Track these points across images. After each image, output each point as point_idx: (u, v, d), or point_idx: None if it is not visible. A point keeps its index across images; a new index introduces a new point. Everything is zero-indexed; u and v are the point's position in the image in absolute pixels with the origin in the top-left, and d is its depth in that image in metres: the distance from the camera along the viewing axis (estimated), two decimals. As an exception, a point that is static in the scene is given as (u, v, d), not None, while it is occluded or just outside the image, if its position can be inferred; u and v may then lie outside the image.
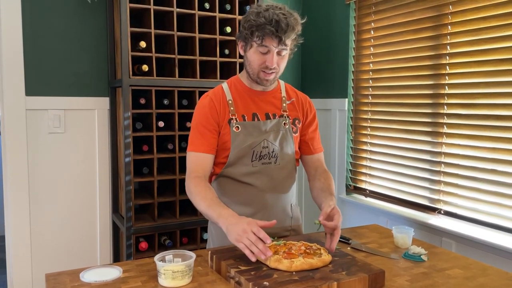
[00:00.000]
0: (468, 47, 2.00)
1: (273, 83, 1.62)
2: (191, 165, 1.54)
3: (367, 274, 1.19)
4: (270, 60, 1.48)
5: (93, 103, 2.52)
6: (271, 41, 1.45)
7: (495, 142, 1.90)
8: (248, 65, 1.54)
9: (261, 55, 1.48)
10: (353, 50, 2.69)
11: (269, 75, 1.52)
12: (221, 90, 1.60)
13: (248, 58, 1.53)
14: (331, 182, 1.61)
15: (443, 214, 2.14)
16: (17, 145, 2.34)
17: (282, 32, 1.43)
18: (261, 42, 1.45)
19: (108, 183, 2.60)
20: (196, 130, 1.56)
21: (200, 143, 1.54)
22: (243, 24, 1.50)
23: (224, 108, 1.56)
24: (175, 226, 2.36)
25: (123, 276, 1.27)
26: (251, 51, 1.50)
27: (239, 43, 1.56)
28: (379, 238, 1.67)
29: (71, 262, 2.50)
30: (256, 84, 1.58)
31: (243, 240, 1.24)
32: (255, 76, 1.54)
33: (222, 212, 1.36)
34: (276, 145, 1.58)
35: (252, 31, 1.46)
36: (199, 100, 1.61)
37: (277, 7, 1.46)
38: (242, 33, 1.52)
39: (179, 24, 2.39)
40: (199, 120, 1.56)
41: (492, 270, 1.37)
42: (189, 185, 1.50)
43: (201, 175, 1.51)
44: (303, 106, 1.69)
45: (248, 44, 1.51)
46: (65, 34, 2.44)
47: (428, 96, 2.20)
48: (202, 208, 1.43)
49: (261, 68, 1.50)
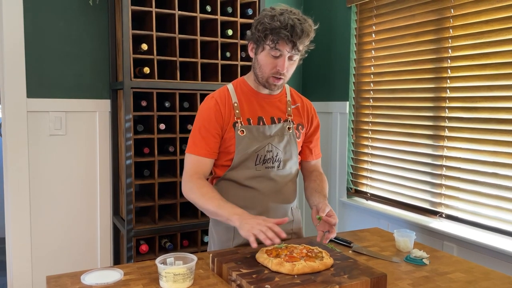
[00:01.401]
0: (470, 51, 2.00)
1: (280, 88, 1.62)
2: (191, 167, 1.53)
3: (369, 277, 1.19)
4: (281, 64, 1.47)
5: (94, 105, 2.52)
6: (284, 46, 1.44)
7: (496, 145, 1.90)
8: (258, 68, 1.53)
9: (272, 58, 1.48)
10: (354, 53, 2.69)
11: (278, 81, 1.52)
12: (226, 92, 1.59)
13: (259, 61, 1.52)
14: (325, 185, 1.65)
15: (445, 217, 2.13)
16: (18, 147, 2.34)
17: (297, 38, 1.43)
18: (275, 46, 1.44)
19: (109, 185, 2.60)
20: (198, 132, 1.54)
21: (202, 146, 1.53)
22: (257, 26, 1.48)
23: (229, 111, 1.55)
24: (176, 228, 2.35)
25: (124, 279, 1.27)
26: (262, 54, 1.50)
27: (250, 44, 1.55)
28: (380, 242, 1.67)
29: (71, 264, 2.49)
30: (263, 87, 1.58)
31: (254, 230, 1.27)
32: (264, 80, 1.53)
33: (236, 210, 1.39)
34: (280, 149, 1.58)
35: (266, 34, 1.45)
36: (204, 101, 1.60)
37: (291, 11, 1.46)
38: (254, 35, 1.50)
39: (181, 27, 2.40)
40: (202, 123, 1.55)
41: (494, 274, 1.37)
42: (192, 187, 1.49)
43: (202, 177, 1.52)
44: (308, 113, 1.69)
45: (260, 46, 1.50)
46: (67, 36, 2.44)
47: (429, 100, 2.20)
48: (210, 207, 1.44)
49: (272, 73, 1.50)
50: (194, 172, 1.52)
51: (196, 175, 1.51)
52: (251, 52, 1.56)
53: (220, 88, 1.63)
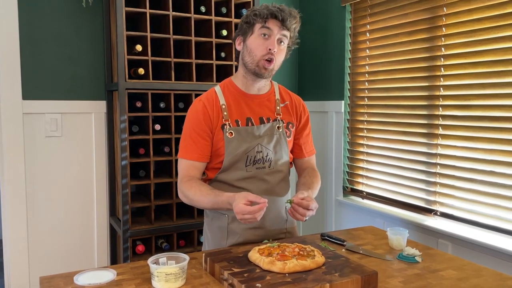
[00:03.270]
0: (463, 49, 2.01)
1: (270, 76, 1.58)
2: (183, 171, 1.56)
3: (360, 275, 1.19)
4: (271, 43, 1.50)
5: (90, 107, 2.53)
6: (274, 23, 1.49)
7: (490, 143, 1.91)
8: (248, 55, 1.53)
9: (262, 39, 1.50)
10: (349, 52, 2.69)
11: (269, 64, 1.52)
12: (214, 94, 1.59)
13: (249, 46, 1.53)
14: (315, 180, 1.64)
15: (439, 215, 2.14)
16: (14, 149, 2.35)
17: (285, 16, 1.49)
18: (264, 23, 1.49)
19: (105, 186, 2.60)
20: (188, 136, 1.56)
21: (193, 150, 1.54)
22: (243, 20, 1.55)
23: (217, 113, 1.56)
24: (172, 229, 2.36)
25: (117, 279, 1.27)
26: (252, 38, 1.53)
27: (237, 40, 1.58)
28: (374, 240, 1.67)
29: (68, 265, 2.50)
30: (254, 75, 1.56)
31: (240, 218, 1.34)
32: (254, 64, 1.52)
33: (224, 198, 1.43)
34: (270, 149, 1.58)
35: (255, 18, 1.50)
36: (192, 104, 1.61)
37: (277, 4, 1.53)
38: (241, 28, 1.56)
39: (175, 28, 2.40)
40: (191, 126, 1.56)
41: (486, 271, 1.37)
42: (183, 190, 1.52)
43: (196, 179, 1.54)
44: (297, 110, 1.69)
45: (248, 33, 1.54)
46: (62, 38, 2.45)
47: (423, 98, 2.21)
48: (207, 202, 1.46)
49: (262, 55, 1.51)
50: (186, 175, 1.54)
51: (187, 177, 1.54)
52: (239, 46, 1.58)
53: (208, 90, 1.63)
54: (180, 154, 1.56)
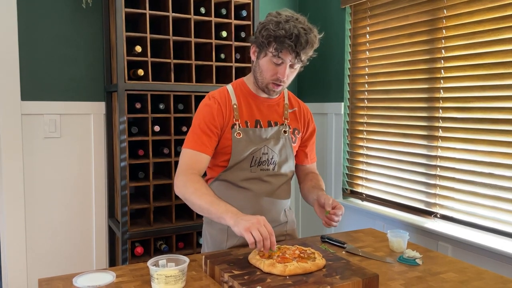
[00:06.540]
0: (463, 51, 2.01)
1: (278, 94, 1.62)
2: (187, 161, 1.50)
3: (361, 278, 1.19)
4: (282, 72, 1.47)
5: (89, 108, 2.52)
6: (287, 55, 1.44)
7: (490, 145, 1.91)
8: (259, 73, 1.52)
9: (274, 65, 1.47)
10: (349, 54, 2.69)
11: (277, 87, 1.52)
12: (226, 93, 1.58)
13: (260, 66, 1.51)
14: (321, 183, 1.67)
15: (439, 218, 2.13)
16: (12, 150, 2.34)
17: (301, 48, 1.42)
18: (278, 54, 1.44)
19: (104, 187, 2.59)
20: (198, 128, 1.52)
21: (201, 142, 1.50)
22: (261, 31, 1.46)
23: (229, 112, 1.55)
24: (171, 230, 2.35)
25: (116, 281, 1.26)
26: (264, 60, 1.49)
27: (252, 47, 1.54)
28: (374, 242, 1.67)
29: (66, 267, 2.49)
30: (262, 91, 1.58)
31: (252, 230, 1.23)
32: (263, 85, 1.53)
33: (230, 208, 1.34)
34: (276, 152, 1.59)
35: (269, 41, 1.44)
36: (204, 99, 1.57)
37: (297, 19, 1.44)
38: (258, 39, 1.49)
39: (175, 29, 2.40)
40: (203, 119, 1.52)
41: (487, 274, 1.37)
42: (185, 181, 1.45)
43: (196, 173, 1.48)
44: (305, 118, 1.70)
45: (262, 52, 1.49)
46: (61, 39, 2.44)
47: (423, 100, 2.21)
48: (202, 203, 1.39)
49: (272, 79, 1.50)
50: (189, 167, 1.48)
51: (191, 170, 1.48)
52: (253, 55, 1.55)
53: (219, 88, 1.62)
54: (186, 144, 1.52)
